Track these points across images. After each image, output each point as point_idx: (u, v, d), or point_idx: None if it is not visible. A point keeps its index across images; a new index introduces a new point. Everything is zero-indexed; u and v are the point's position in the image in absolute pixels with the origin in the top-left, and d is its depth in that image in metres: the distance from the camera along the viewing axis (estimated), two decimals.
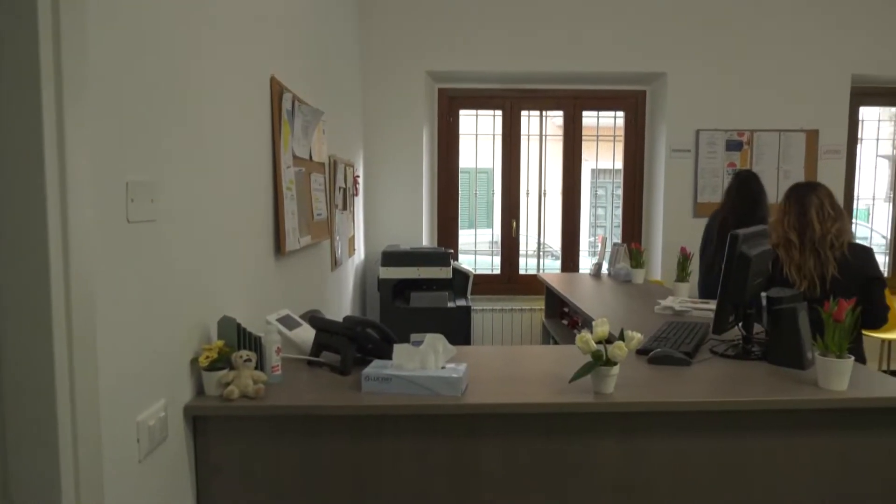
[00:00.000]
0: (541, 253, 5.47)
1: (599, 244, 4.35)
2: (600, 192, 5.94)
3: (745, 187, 3.78)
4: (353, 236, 4.21)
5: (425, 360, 1.71)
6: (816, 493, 1.73)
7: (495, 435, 1.68)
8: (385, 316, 4.32)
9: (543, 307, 4.63)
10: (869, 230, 5.91)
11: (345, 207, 3.74)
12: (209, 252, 1.72)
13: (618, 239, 5.36)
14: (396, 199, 4.91)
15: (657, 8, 4.87)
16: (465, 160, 5.36)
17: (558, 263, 5.45)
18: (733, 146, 5.05)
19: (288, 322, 1.99)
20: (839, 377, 1.71)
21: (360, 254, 4.64)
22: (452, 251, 4.82)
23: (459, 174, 5.34)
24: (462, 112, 5.25)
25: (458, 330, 4.27)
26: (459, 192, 5.34)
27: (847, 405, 1.69)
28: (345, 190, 3.73)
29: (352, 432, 1.66)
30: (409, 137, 4.86)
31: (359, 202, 4.52)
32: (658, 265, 5.06)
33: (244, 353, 1.64)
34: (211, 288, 1.74)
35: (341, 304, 3.85)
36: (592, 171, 6.14)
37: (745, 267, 1.93)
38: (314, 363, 1.91)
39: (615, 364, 1.68)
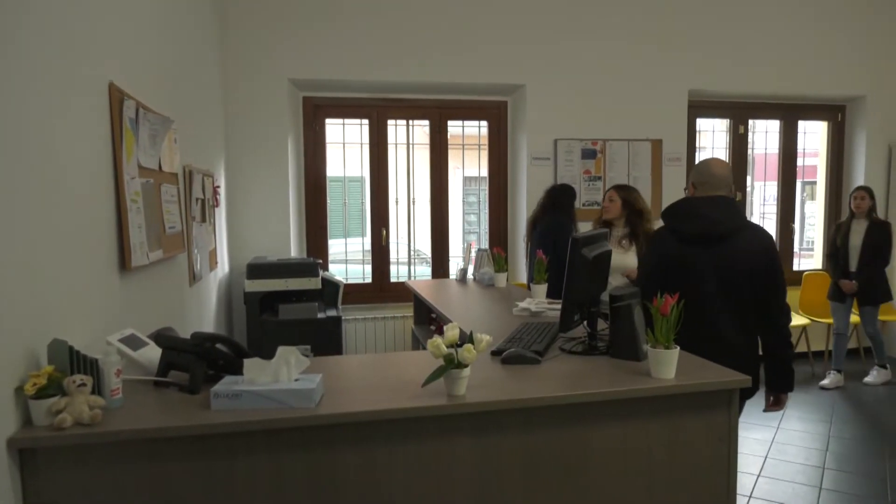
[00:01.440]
0: (411, 260, 5.53)
1: (465, 250, 4.47)
2: (472, 198, 6.10)
3: (547, 198, 4.38)
4: (215, 249, 4.05)
5: (277, 373, 1.69)
6: (650, 473, 1.88)
7: (352, 444, 1.68)
8: (252, 330, 4.20)
9: (413, 314, 4.68)
10: None
11: (204, 219, 3.60)
12: (37, 271, 1.60)
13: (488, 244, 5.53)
14: (262, 209, 4.79)
15: (516, 23, 5.10)
16: (335, 169, 5.33)
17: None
18: (588, 154, 5.38)
19: (132, 342, 1.89)
20: (667, 366, 1.87)
21: (224, 267, 4.47)
22: (322, 261, 4.77)
23: (330, 183, 5.30)
24: (328, 121, 5.21)
25: (328, 340, 4.23)
26: (329, 201, 5.29)
27: (674, 391, 1.86)
28: (203, 201, 3.59)
29: (202, 454, 1.60)
30: (274, 146, 4.76)
31: (221, 213, 4.36)
32: (523, 268, 5.27)
33: (77, 378, 1.54)
34: (40, 310, 1.61)
35: (203, 320, 3.70)
36: (465, 178, 6.29)
37: (586, 268, 2.07)
38: (161, 384, 1.82)
39: (466, 366, 1.74)
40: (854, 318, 5.29)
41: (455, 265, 5.53)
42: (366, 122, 5.26)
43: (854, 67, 5.87)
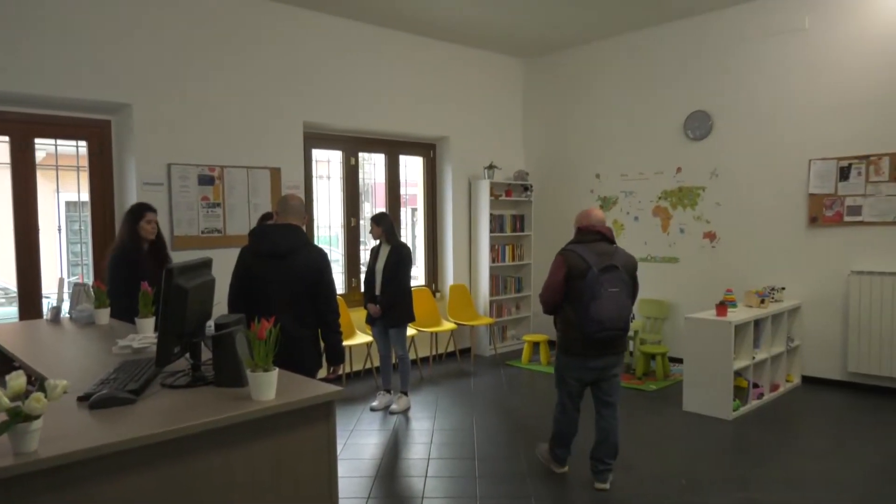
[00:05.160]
0: None
1: (59, 285, 3.93)
2: (77, 227, 5.41)
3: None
4: None
5: None
6: (257, 495, 1.91)
7: None
8: None
9: None
10: (329, 251, 6.90)
11: None
12: None
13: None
14: None
15: (121, 36, 4.74)
16: None
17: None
18: (206, 181, 5.26)
19: None
20: (267, 388, 1.94)
21: None
22: None
23: None
24: None
25: None
26: None
27: (274, 411, 1.93)
28: None
29: None
30: None
31: None
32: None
33: None
34: None
35: None
36: (68, 203, 5.55)
37: (183, 299, 2.02)
38: None
39: (37, 418, 1.54)
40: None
41: (48, 304, 4.82)
42: None
43: (441, 113, 6.93)
